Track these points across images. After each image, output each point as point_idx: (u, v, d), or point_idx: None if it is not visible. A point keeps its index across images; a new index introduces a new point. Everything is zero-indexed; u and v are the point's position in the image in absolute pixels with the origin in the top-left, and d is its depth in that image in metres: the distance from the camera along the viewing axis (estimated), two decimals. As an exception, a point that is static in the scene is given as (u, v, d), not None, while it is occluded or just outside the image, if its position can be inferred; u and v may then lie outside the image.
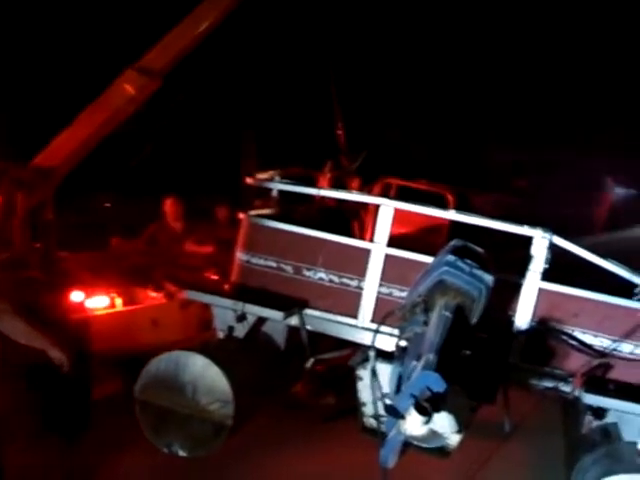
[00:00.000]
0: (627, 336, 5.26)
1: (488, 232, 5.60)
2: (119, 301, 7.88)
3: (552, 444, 6.58)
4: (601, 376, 5.23)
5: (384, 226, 5.71)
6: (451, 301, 4.63)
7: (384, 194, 7.97)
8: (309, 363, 5.84)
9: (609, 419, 5.20)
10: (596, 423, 5.28)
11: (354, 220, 7.86)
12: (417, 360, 4.15)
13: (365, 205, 7.73)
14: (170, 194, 9.30)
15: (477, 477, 6.22)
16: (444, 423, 3.83)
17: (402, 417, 3.72)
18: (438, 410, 3.78)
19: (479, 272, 4.73)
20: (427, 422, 3.70)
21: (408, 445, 3.99)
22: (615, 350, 5.28)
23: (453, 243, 5.02)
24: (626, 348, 5.29)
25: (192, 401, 5.35)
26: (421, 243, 5.96)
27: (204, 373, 5.31)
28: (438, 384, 3.79)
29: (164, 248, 8.89)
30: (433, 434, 3.77)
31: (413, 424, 3.69)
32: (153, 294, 8.12)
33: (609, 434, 5.15)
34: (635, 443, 4.86)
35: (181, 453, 5.40)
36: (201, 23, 8.16)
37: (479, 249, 5.05)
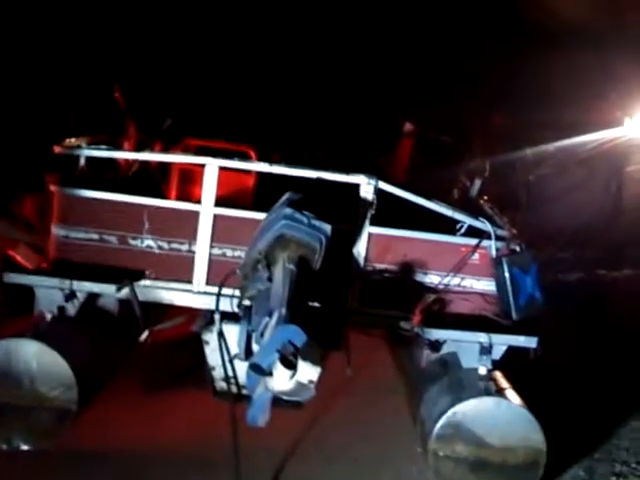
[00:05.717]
0: (454, 270, 5.55)
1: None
2: None
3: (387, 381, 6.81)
4: (436, 310, 5.48)
5: (210, 186, 5.58)
6: (293, 254, 4.62)
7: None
8: (144, 335, 5.60)
9: (445, 350, 5.48)
10: (434, 355, 5.54)
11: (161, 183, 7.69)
12: (268, 316, 4.11)
13: (167, 167, 7.65)
14: None
15: (322, 421, 6.30)
16: (308, 373, 3.84)
17: (268, 374, 3.68)
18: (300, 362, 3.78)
19: (317, 222, 4.75)
20: (293, 375, 3.68)
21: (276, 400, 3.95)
22: (445, 285, 5.55)
23: (288, 196, 4.97)
24: (454, 282, 5.58)
25: (30, 390, 4.97)
26: (230, 203, 5.88)
27: (41, 359, 4.94)
28: (299, 336, 3.78)
29: None
30: (300, 386, 3.75)
31: (280, 379, 3.66)
32: None
33: (448, 364, 5.42)
34: (475, 369, 5.16)
35: (24, 447, 5.02)
36: None
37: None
